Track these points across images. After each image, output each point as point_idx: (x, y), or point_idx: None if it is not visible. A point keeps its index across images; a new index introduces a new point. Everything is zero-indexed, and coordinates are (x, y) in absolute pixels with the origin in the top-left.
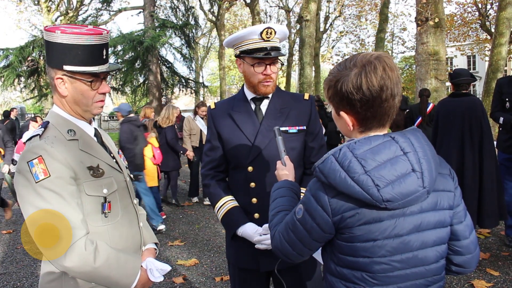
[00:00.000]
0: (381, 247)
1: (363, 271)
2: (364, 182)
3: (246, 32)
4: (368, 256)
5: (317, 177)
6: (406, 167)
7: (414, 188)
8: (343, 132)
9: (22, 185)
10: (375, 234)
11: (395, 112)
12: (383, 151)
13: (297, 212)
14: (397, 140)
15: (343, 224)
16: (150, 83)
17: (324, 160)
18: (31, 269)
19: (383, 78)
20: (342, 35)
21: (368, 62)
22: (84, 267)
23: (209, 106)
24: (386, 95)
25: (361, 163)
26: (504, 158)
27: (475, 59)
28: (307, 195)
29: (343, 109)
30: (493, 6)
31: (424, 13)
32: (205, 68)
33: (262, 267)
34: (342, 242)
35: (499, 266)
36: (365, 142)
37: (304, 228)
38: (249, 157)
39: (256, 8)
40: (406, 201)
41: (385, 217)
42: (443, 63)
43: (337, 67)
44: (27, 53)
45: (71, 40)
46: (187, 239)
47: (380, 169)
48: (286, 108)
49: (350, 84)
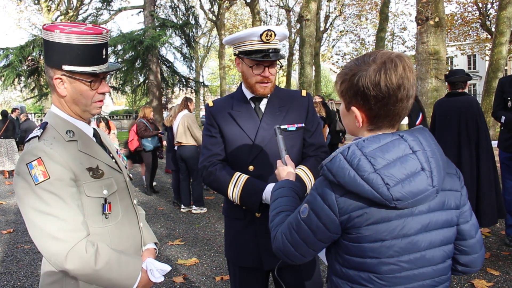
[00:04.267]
0: (389, 247)
1: (370, 272)
2: (374, 181)
3: (246, 33)
4: (376, 257)
5: (324, 175)
6: (416, 166)
7: (423, 187)
8: (349, 129)
9: (21, 187)
10: (383, 234)
11: (406, 113)
12: (392, 150)
13: (302, 212)
14: (405, 139)
15: (351, 224)
16: (150, 83)
17: (332, 159)
18: (31, 269)
19: (402, 77)
20: (342, 34)
21: (389, 60)
22: (85, 269)
23: (207, 104)
24: (402, 95)
25: (371, 162)
26: (506, 157)
27: (475, 59)
28: (313, 194)
29: (356, 104)
30: (494, 5)
31: (425, 12)
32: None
33: (265, 265)
34: (349, 242)
35: (500, 265)
36: (373, 140)
37: (309, 228)
38: (249, 156)
39: (256, 7)
40: (415, 200)
41: (394, 217)
42: (443, 63)
43: (354, 62)
44: (27, 53)
45: (70, 39)
46: (187, 238)
47: (389, 168)
48: (284, 106)
49: (368, 79)
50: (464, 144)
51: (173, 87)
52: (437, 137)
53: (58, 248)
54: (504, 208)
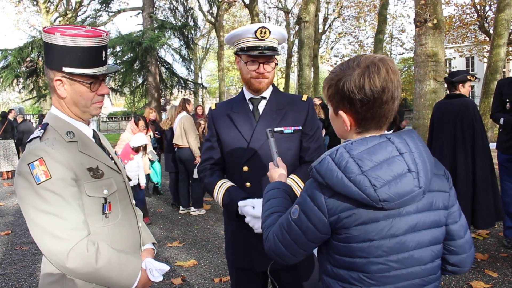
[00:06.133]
0: (377, 247)
1: (359, 272)
2: (361, 182)
3: (241, 31)
4: (365, 257)
5: (313, 177)
6: (402, 168)
7: (410, 188)
8: (338, 133)
9: (22, 187)
10: (371, 235)
11: (393, 115)
12: (380, 152)
13: (293, 213)
14: (393, 141)
15: (340, 225)
16: (149, 84)
17: (321, 161)
18: (30, 270)
19: (385, 80)
20: (341, 36)
21: (372, 64)
22: (86, 268)
23: (210, 107)
24: (387, 97)
25: (358, 164)
26: (504, 159)
27: (473, 61)
28: (303, 195)
29: (343, 108)
30: (492, 7)
31: (423, 14)
32: (204, 69)
33: (257, 266)
34: (339, 242)
35: (498, 267)
36: (361, 143)
37: (299, 229)
38: (244, 157)
39: (255, 9)
40: (402, 201)
41: (382, 217)
42: (441, 65)
43: (339, 67)
44: (26, 54)
45: (70, 42)
46: (186, 240)
47: (376, 169)
48: (282, 109)
49: (353, 83)
50: (460, 146)
51: (171, 89)
52: (434, 139)
53: (60, 247)
54: (502, 210)
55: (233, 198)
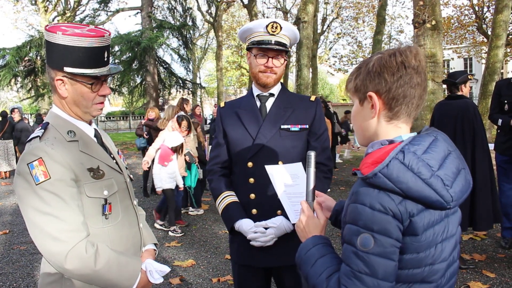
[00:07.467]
0: (442, 250)
1: (429, 283)
2: (435, 184)
3: (253, 25)
4: (431, 264)
5: (377, 184)
6: (458, 165)
7: (467, 185)
8: (362, 127)
9: (22, 187)
10: (437, 238)
11: (420, 108)
12: (438, 150)
13: (363, 244)
14: (441, 139)
15: (410, 231)
16: (147, 84)
17: (388, 165)
18: (27, 270)
19: (416, 59)
20: (340, 37)
21: (398, 48)
22: (85, 269)
23: (218, 105)
24: (420, 77)
25: (429, 164)
26: (502, 160)
27: (471, 62)
28: (367, 214)
29: (373, 89)
30: (490, 9)
31: (421, 15)
32: (202, 69)
33: (256, 262)
34: (404, 255)
35: (495, 268)
36: (419, 141)
37: (385, 257)
38: (249, 153)
39: (253, 9)
40: (462, 199)
41: (441, 218)
42: (440, 66)
43: (358, 65)
44: (24, 53)
45: (72, 41)
46: (184, 240)
47: (443, 169)
48: (290, 107)
49: (384, 60)
50: (460, 147)
51: (170, 89)
52: None
53: (58, 248)
54: (500, 212)
55: (232, 216)
